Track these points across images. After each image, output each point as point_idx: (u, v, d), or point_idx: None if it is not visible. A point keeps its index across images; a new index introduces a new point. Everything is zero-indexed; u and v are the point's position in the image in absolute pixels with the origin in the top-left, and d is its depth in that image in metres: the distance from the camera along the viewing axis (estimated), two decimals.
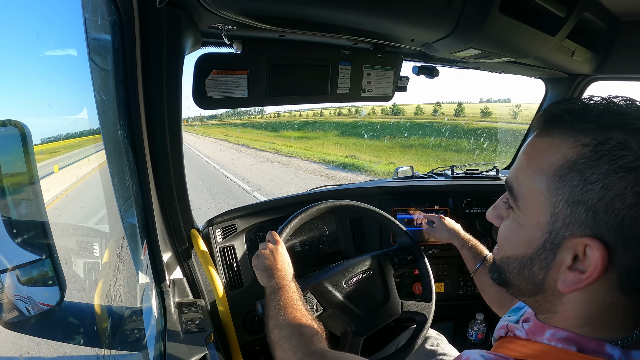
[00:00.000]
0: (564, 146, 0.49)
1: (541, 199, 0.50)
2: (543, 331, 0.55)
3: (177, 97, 0.99)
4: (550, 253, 0.51)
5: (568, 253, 0.49)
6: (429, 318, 1.23)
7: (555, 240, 0.50)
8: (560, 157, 0.49)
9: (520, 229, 0.55)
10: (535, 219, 0.52)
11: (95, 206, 1.15)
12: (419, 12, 0.93)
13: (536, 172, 0.51)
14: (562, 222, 0.49)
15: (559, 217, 0.49)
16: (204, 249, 1.28)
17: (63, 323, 0.89)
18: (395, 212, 1.72)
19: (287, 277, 1.04)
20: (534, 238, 0.52)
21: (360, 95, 1.43)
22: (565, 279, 0.50)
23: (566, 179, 0.48)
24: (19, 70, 0.79)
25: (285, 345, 0.88)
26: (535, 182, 0.51)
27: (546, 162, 0.50)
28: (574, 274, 0.49)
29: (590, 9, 1.30)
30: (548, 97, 2.15)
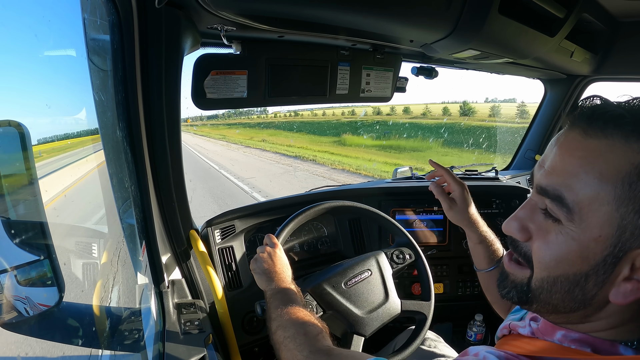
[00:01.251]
0: (629, 150, 0.44)
1: (606, 209, 0.45)
2: (554, 332, 0.53)
3: (176, 98, 0.99)
4: (610, 267, 0.46)
5: (627, 264, 0.46)
6: (429, 317, 1.23)
7: (619, 254, 0.46)
8: (626, 162, 0.44)
9: (574, 244, 0.48)
10: (596, 233, 0.46)
11: (94, 207, 1.15)
12: (418, 13, 0.93)
13: (598, 178, 0.45)
14: (630, 233, 0.44)
15: (627, 228, 0.44)
16: (202, 250, 1.28)
17: (62, 324, 0.89)
18: (394, 212, 1.72)
19: (287, 280, 1.04)
20: (592, 253, 0.47)
21: (359, 96, 1.43)
22: (622, 290, 0.46)
23: (637, 187, 0.43)
24: (18, 71, 0.79)
25: (290, 345, 0.86)
26: (598, 190, 0.45)
27: (610, 168, 0.45)
28: (632, 284, 0.46)
29: (589, 10, 1.31)
30: (547, 98, 2.15)
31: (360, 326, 1.14)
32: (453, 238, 1.78)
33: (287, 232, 1.22)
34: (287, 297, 0.98)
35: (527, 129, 2.33)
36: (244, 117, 71.93)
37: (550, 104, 2.16)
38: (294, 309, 0.94)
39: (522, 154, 2.39)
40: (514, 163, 2.45)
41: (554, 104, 2.13)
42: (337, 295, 1.16)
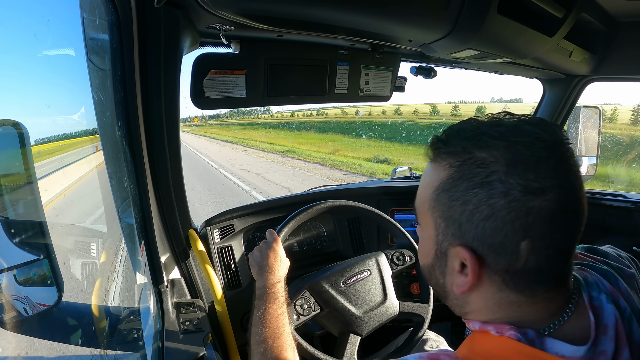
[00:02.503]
0: (439, 169, 0.55)
1: (427, 215, 0.57)
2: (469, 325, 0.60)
3: (175, 97, 0.99)
4: (442, 261, 0.57)
5: (455, 260, 0.54)
6: (427, 319, 1.24)
7: (442, 250, 0.56)
8: (436, 179, 0.55)
9: (422, 242, 0.62)
10: (428, 233, 0.58)
11: (93, 206, 1.15)
12: (417, 13, 0.93)
13: (423, 193, 0.58)
14: (442, 234, 0.55)
15: (439, 230, 0.55)
16: (201, 249, 1.28)
17: (61, 323, 0.89)
18: (393, 212, 1.73)
19: (276, 279, 1.05)
20: (430, 249, 0.59)
21: (358, 95, 1.43)
22: (457, 282, 0.56)
23: (439, 198, 0.54)
24: (17, 70, 0.79)
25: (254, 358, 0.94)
26: (424, 201, 0.58)
27: (429, 184, 0.56)
28: (462, 278, 0.55)
29: (588, 10, 1.31)
30: (546, 98, 2.16)
31: (357, 325, 1.15)
32: None
33: (288, 229, 1.23)
34: (270, 304, 0.99)
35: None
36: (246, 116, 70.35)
37: (549, 104, 2.16)
38: (272, 322, 0.96)
39: None
40: None
41: (552, 103, 2.13)
42: (335, 293, 1.16)
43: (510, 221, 0.48)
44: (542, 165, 0.48)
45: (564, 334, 0.52)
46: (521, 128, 0.51)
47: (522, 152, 0.48)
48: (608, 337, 0.52)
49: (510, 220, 0.48)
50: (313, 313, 1.15)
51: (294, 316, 1.12)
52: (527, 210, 0.48)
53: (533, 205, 0.47)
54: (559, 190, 0.48)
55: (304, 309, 1.14)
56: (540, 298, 0.53)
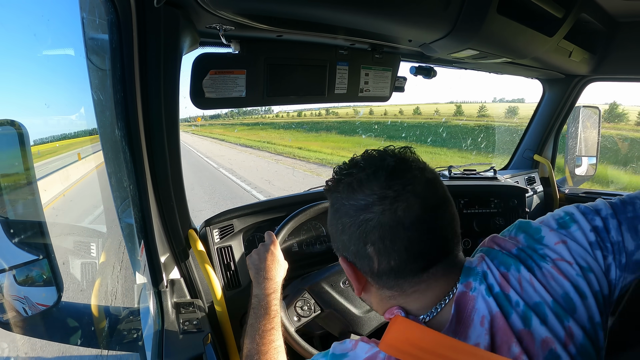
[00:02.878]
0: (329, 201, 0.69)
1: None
2: None
3: (175, 97, 0.99)
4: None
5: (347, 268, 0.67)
6: None
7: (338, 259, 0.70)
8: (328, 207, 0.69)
9: None
10: None
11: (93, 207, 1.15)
12: (417, 13, 0.93)
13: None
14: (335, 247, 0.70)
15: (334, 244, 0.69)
16: (201, 249, 1.28)
17: (60, 323, 0.89)
18: None
19: (273, 287, 1.04)
20: None
21: (358, 95, 1.43)
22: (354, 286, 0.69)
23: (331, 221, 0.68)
24: (17, 70, 0.79)
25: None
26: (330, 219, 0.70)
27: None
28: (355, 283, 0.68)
29: (588, 10, 1.31)
30: (546, 98, 2.16)
31: (357, 325, 1.15)
32: None
33: (286, 231, 1.22)
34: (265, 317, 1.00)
35: (526, 128, 2.33)
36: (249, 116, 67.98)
37: (548, 104, 2.16)
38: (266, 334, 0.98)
39: (520, 154, 2.40)
40: (513, 162, 2.45)
41: (552, 103, 2.13)
42: (335, 294, 1.16)
43: (353, 232, 0.61)
44: (365, 186, 0.61)
45: (438, 323, 0.60)
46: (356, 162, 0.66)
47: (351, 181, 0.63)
48: (483, 330, 0.57)
49: (354, 232, 0.61)
50: (313, 314, 1.14)
51: (294, 318, 1.12)
52: (360, 222, 0.60)
53: (364, 218, 0.60)
54: (381, 202, 0.59)
55: (304, 311, 1.14)
56: (410, 291, 0.62)
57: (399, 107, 44.84)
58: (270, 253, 1.09)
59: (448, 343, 0.54)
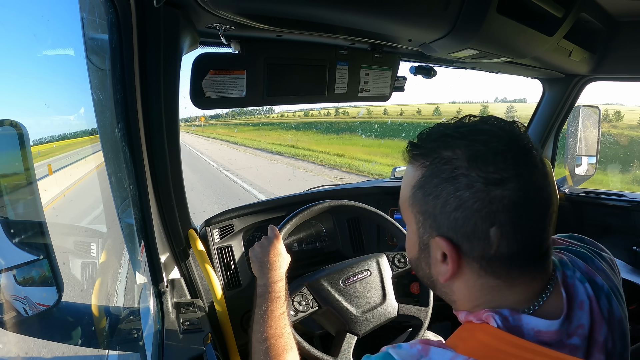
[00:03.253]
0: (415, 169, 0.60)
1: (408, 212, 0.62)
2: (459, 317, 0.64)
3: (175, 97, 0.99)
4: (426, 252, 0.61)
5: (437, 251, 0.59)
6: (425, 323, 1.23)
7: (424, 242, 0.61)
8: (412, 178, 0.61)
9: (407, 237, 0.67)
10: (411, 228, 0.63)
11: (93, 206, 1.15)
12: (417, 13, 0.93)
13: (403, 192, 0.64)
14: (422, 227, 0.60)
15: (419, 224, 0.60)
16: (201, 249, 1.28)
17: (61, 323, 0.89)
18: (393, 212, 1.73)
19: (278, 276, 1.05)
20: (414, 242, 0.63)
21: (358, 95, 1.43)
22: (440, 270, 0.60)
23: (416, 195, 0.60)
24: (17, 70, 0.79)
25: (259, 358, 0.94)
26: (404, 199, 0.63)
27: (408, 183, 0.62)
28: (444, 266, 0.59)
29: (588, 10, 1.31)
30: (546, 97, 2.16)
31: (354, 325, 1.15)
32: None
33: (290, 226, 1.23)
34: (271, 302, 1.00)
35: (525, 128, 2.33)
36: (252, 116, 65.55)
37: (548, 104, 2.16)
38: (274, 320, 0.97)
39: None
40: None
41: (552, 103, 2.13)
42: (334, 291, 1.16)
43: (477, 210, 0.53)
44: (500, 158, 0.53)
45: (544, 314, 0.56)
46: (479, 127, 0.58)
47: (480, 148, 0.54)
48: (585, 312, 0.57)
49: (477, 210, 0.53)
50: (310, 310, 1.15)
51: (291, 312, 1.12)
52: (490, 199, 0.52)
53: (495, 195, 0.52)
54: (518, 180, 0.52)
55: (301, 306, 1.14)
56: (518, 282, 0.57)
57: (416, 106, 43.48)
58: (273, 246, 1.09)
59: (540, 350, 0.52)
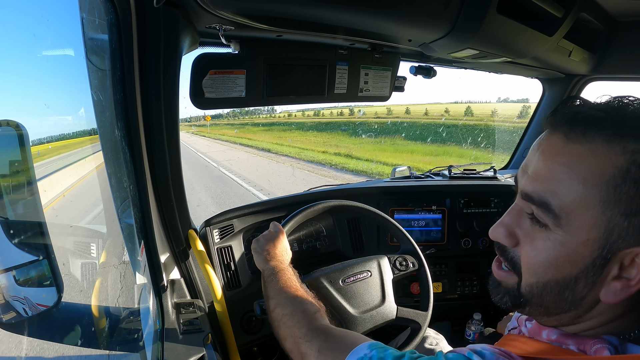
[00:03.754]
0: (611, 153, 0.45)
1: (593, 213, 0.46)
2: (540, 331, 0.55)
3: (175, 97, 0.99)
4: (599, 269, 0.47)
5: (616, 264, 0.46)
6: (424, 327, 1.23)
7: (607, 255, 0.46)
8: (609, 165, 0.44)
9: (563, 249, 0.48)
10: (584, 237, 0.47)
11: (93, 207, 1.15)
12: (417, 13, 0.93)
13: (583, 183, 0.46)
14: (617, 235, 0.45)
15: (614, 230, 0.45)
16: (201, 249, 1.28)
17: (60, 324, 0.89)
18: (393, 212, 1.73)
19: (285, 262, 1.05)
20: (581, 257, 0.47)
21: (358, 95, 1.43)
22: (612, 289, 0.47)
23: (622, 190, 0.44)
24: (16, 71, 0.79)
25: (288, 322, 0.86)
26: (584, 195, 0.46)
27: (594, 172, 0.45)
28: (621, 282, 0.46)
29: (588, 10, 1.31)
30: (545, 98, 2.16)
31: (352, 325, 1.14)
32: (451, 237, 1.78)
33: (293, 223, 1.23)
34: (285, 276, 0.98)
35: (526, 128, 2.33)
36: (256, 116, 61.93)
37: (548, 104, 2.16)
38: (292, 288, 0.95)
39: (520, 153, 2.39)
40: (513, 162, 2.45)
41: (552, 103, 2.13)
42: (333, 290, 1.16)
43: None
44: None
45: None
46: None
47: None
48: None
49: None
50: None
51: None
52: None
53: None
54: None
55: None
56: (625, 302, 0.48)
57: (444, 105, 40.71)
58: (278, 239, 1.09)
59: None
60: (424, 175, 2.05)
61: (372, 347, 0.63)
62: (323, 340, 0.76)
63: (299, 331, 0.82)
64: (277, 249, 1.07)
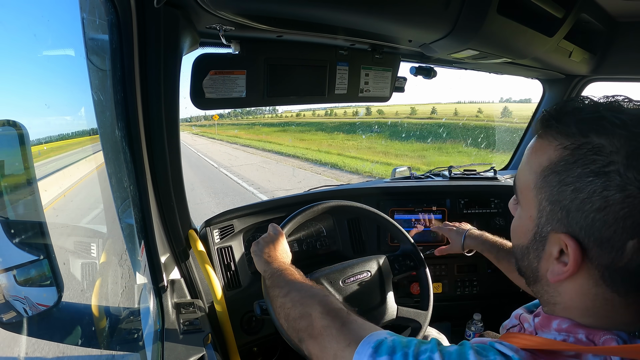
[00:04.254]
0: (550, 148, 0.53)
1: (531, 195, 0.55)
2: (550, 322, 0.57)
3: (175, 97, 0.99)
4: (540, 244, 0.55)
5: (554, 246, 0.53)
6: (424, 327, 1.23)
7: (542, 233, 0.54)
8: (546, 158, 0.53)
9: (520, 221, 0.60)
10: (528, 213, 0.56)
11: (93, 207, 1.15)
12: (417, 13, 0.93)
13: (529, 170, 0.56)
14: (545, 217, 0.53)
15: (543, 213, 0.54)
16: (201, 250, 1.28)
17: (61, 324, 0.89)
18: (393, 212, 1.73)
19: (287, 263, 1.03)
20: (528, 230, 0.57)
21: (358, 95, 1.43)
22: (553, 269, 0.54)
23: (548, 179, 0.52)
24: (17, 71, 0.79)
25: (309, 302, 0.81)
26: (528, 179, 0.56)
27: (536, 162, 0.54)
28: (559, 266, 0.53)
29: (588, 10, 1.31)
30: (545, 98, 2.16)
31: None
32: None
33: (292, 225, 1.22)
34: (290, 272, 0.96)
35: (526, 128, 2.33)
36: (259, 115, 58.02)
37: (548, 104, 2.16)
38: (302, 281, 0.91)
39: (520, 154, 2.39)
40: (513, 163, 2.45)
41: (552, 104, 2.13)
42: (333, 290, 1.16)
43: (622, 218, 0.46)
44: None
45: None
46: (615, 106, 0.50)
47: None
48: None
49: (622, 217, 0.46)
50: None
51: None
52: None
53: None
54: None
55: None
56: (632, 300, 0.51)
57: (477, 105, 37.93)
58: (277, 242, 1.08)
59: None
60: (424, 175, 2.05)
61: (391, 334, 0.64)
62: (346, 318, 0.75)
63: (321, 308, 0.78)
64: (278, 251, 1.07)
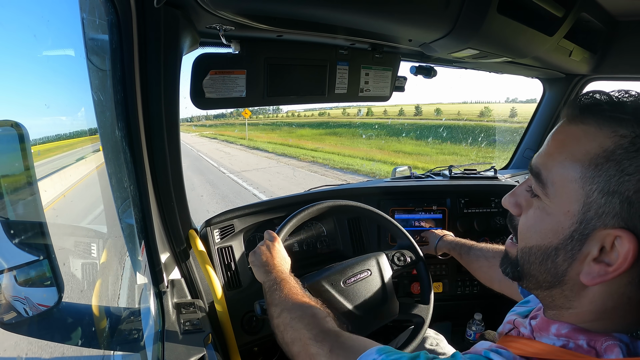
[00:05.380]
0: (600, 135, 0.48)
1: (573, 187, 0.49)
2: (549, 326, 0.55)
3: (175, 97, 0.99)
4: (577, 244, 0.49)
5: (595, 244, 0.48)
6: (427, 320, 1.23)
7: (585, 231, 0.48)
8: (596, 145, 0.48)
9: (547, 217, 0.53)
10: (565, 208, 0.50)
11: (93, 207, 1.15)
12: (417, 12, 0.93)
13: (569, 159, 0.50)
14: (594, 211, 0.47)
15: (591, 206, 0.48)
16: (202, 250, 1.28)
17: (61, 324, 0.89)
18: (393, 212, 1.73)
19: (285, 272, 1.04)
20: (561, 227, 0.51)
21: (358, 95, 1.43)
22: (590, 271, 0.49)
23: (602, 168, 0.47)
24: (17, 71, 0.79)
25: (297, 325, 0.84)
26: (568, 169, 0.50)
27: (581, 149, 0.49)
28: (600, 266, 0.48)
29: (588, 9, 1.31)
30: (545, 98, 2.16)
31: (357, 326, 1.14)
32: None
33: (288, 229, 1.22)
34: (288, 285, 0.97)
35: (526, 128, 2.33)
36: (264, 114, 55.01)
37: (548, 103, 2.16)
38: (299, 295, 0.94)
39: (520, 153, 2.39)
40: (513, 162, 2.45)
41: (552, 103, 2.13)
42: (335, 293, 1.16)
43: None
44: None
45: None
46: None
47: None
48: None
49: None
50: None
51: None
52: None
53: None
54: None
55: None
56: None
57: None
58: (274, 249, 1.08)
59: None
60: (424, 175, 2.05)
61: (380, 351, 0.63)
62: (334, 342, 0.76)
63: (309, 333, 0.81)
64: (275, 259, 1.07)
